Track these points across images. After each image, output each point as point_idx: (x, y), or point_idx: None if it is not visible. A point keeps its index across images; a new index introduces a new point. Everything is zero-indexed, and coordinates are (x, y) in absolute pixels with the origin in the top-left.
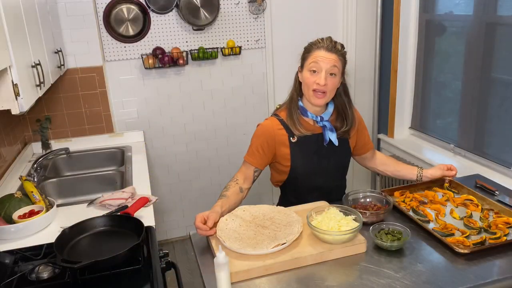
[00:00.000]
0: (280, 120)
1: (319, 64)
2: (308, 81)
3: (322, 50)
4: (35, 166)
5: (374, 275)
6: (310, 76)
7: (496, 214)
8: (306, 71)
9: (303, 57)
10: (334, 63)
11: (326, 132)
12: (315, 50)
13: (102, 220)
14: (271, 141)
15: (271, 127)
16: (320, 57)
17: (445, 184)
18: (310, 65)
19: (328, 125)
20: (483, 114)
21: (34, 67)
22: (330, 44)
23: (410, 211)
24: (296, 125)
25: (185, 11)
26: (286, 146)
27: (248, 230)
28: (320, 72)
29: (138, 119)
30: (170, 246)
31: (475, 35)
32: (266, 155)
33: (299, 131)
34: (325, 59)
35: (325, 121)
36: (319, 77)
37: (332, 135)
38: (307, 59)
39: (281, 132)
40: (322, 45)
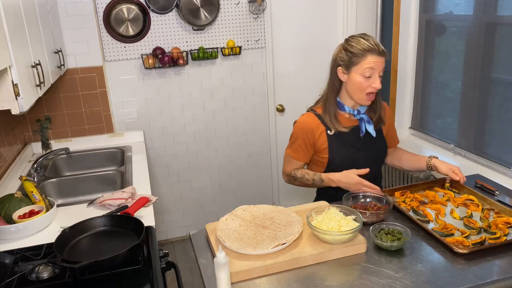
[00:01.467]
0: (317, 114)
1: (374, 69)
2: (362, 85)
3: (375, 55)
4: (35, 166)
5: (374, 275)
6: (363, 81)
7: (497, 214)
8: (358, 75)
9: (351, 60)
10: (384, 65)
11: (363, 124)
12: (368, 55)
13: (102, 220)
14: (310, 135)
15: (308, 122)
16: (374, 62)
17: (446, 184)
18: (364, 70)
19: (365, 117)
20: (483, 114)
21: (34, 67)
22: (379, 46)
23: (410, 211)
24: (332, 120)
25: (185, 11)
26: (324, 139)
27: (248, 230)
28: (375, 76)
29: (138, 119)
30: (170, 246)
31: (475, 35)
32: (309, 150)
33: (335, 127)
34: (379, 63)
35: (362, 113)
36: (375, 81)
37: (369, 127)
38: (359, 63)
39: (318, 126)
40: (374, 48)
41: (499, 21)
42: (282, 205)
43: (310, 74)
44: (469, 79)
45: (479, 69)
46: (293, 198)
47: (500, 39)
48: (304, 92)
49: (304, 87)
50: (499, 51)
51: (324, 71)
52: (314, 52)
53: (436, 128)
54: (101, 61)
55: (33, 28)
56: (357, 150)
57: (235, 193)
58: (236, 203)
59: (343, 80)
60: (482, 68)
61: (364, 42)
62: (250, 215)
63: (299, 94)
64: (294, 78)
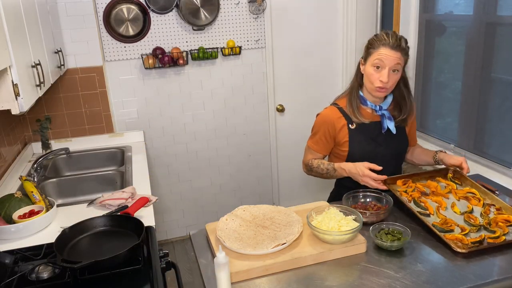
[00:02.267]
0: (339, 108)
1: (383, 62)
2: (371, 77)
3: (388, 48)
4: (35, 166)
5: (374, 275)
6: (373, 72)
7: (497, 211)
8: (370, 66)
9: (367, 51)
10: (398, 61)
11: (385, 120)
12: (380, 47)
13: (102, 220)
14: (331, 128)
15: (330, 115)
16: (384, 54)
17: (449, 175)
18: (374, 61)
19: (386, 113)
20: (483, 114)
21: (34, 67)
22: (395, 41)
23: (411, 202)
24: (355, 113)
25: (185, 11)
26: (345, 133)
27: (248, 230)
28: (383, 69)
29: (138, 119)
30: (170, 246)
31: (475, 35)
32: (329, 142)
33: (357, 118)
34: (390, 57)
35: (384, 110)
36: (383, 74)
37: (390, 124)
38: (372, 54)
39: (340, 119)
40: (388, 42)
41: (499, 21)
42: (282, 205)
43: (310, 74)
44: (469, 79)
45: (479, 69)
46: (293, 198)
47: (500, 39)
48: (304, 92)
49: (304, 87)
50: (499, 51)
51: (324, 71)
52: (314, 52)
53: (436, 128)
54: (101, 61)
55: (33, 28)
56: (377, 145)
57: (235, 193)
58: (236, 203)
59: (362, 72)
60: (482, 68)
61: (383, 35)
62: (250, 215)
63: (299, 94)
64: (294, 78)
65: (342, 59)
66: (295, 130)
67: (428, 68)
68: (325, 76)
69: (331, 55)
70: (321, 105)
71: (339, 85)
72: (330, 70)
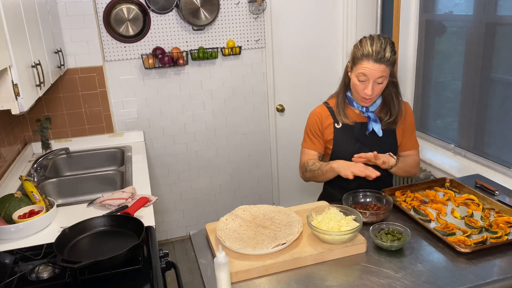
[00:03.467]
0: (328, 107)
1: (367, 76)
2: (357, 87)
3: (370, 62)
4: (35, 166)
5: (374, 275)
6: (358, 83)
7: (497, 214)
8: (355, 76)
9: (353, 60)
10: (381, 74)
11: (370, 122)
12: (363, 60)
13: (102, 220)
14: (320, 125)
15: (318, 113)
16: (368, 69)
17: (446, 184)
18: (358, 74)
19: (372, 115)
20: (483, 114)
21: (34, 67)
22: (379, 53)
23: (411, 211)
24: (341, 113)
25: (185, 11)
26: (330, 130)
27: (248, 230)
28: (368, 82)
29: (138, 119)
30: (170, 246)
31: (475, 35)
32: (318, 139)
33: (342, 120)
34: (373, 71)
35: (370, 112)
36: (367, 87)
37: (375, 126)
38: (356, 65)
39: (327, 117)
40: (371, 54)
41: (499, 21)
42: (282, 205)
43: (310, 74)
44: (469, 79)
45: (479, 69)
46: (293, 198)
47: (500, 39)
48: (304, 92)
49: (304, 87)
50: (499, 51)
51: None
52: (314, 52)
53: (436, 128)
54: (101, 61)
55: (33, 28)
56: (362, 146)
57: (235, 193)
58: (236, 203)
59: (349, 76)
60: (482, 68)
61: (367, 46)
62: (250, 215)
63: (299, 94)
64: (294, 78)
65: (342, 59)
66: (295, 130)
67: (428, 68)
68: (325, 76)
69: (331, 55)
70: None
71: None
72: (330, 70)
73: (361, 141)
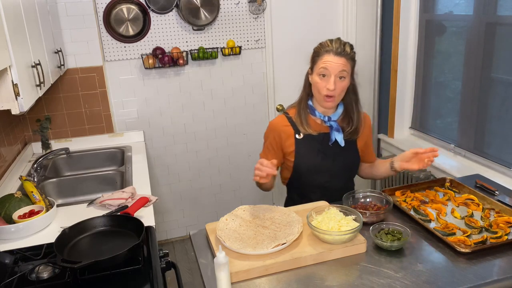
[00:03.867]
0: (288, 117)
1: (328, 70)
2: (318, 85)
3: (331, 55)
4: (35, 166)
5: (374, 275)
6: (320, 80)
7: (497, 214)
8: (316, 75)
9: (312, 60)
10: (343, 67)
11: (332, 132)
12: (324, 54)
13: (102, 220)
14: (278, 138)
15: (277, 124)
16: (329, 62)
17: (446, 184)
18: (319, 70)
19: (334, 125)
20: (483, 114)
21: (34, 67)
22: (339, 47)
23: (411, 211)
24: (303, 123)
25: (185, 11)
26: (291, 142)
27: (248, 230)
28: (329, 77)
29: (138, 119)
30: (170, 246)
31: (475, 35)
32: (276, 152)
33: (305, 129)
34: (334, 64)
35: (332, 121)
36: (329, 81)
37: (338, 136)
38: (317, 62)
39: (287, 128)
40: (331, 48)
41: (499, 21)
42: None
43: None
44: (469, 79)
45: (479, 69)
46: None
47: (500, 39)
48: None
49: None
50: (499, 51)
51: None
52: None
53: (436, 128)
54: (101, 61)
55: (33, 28)
56: (324, 158)
57: (235, 193)
58: (236, 203)
59: (311, 82)
60: (482, 68)
61: (327, 43)
62: (250, 215)
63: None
64: (294, 78)
65: None
66: None
67: (428, 68)
68: None
69: None
70: None
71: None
72: None
73: (324, 152)
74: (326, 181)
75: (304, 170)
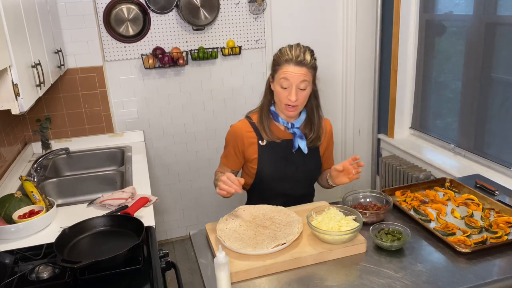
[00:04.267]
0: (251, 122)
1: (289, 81)
2: (280, 96)
3: (291, 65)
4: (35, 166)
5: (374, 275)
6: (281, 91)
7: (497, 214)
8: (277, 85)
9: (273, 68)
10: (303, 78)
11: (296, 139)
12: (283, 64)
13: (102, 220)
14: (240, 143)
15: (240, 129)
16: (289, 73)
17: (446, 184)
18: (280, 81)
19: (298, 132)
20: (483, 114)
21: (34, 67)
22: (299, 56)
23: (411, 211)
24: (266, 130)
25: (185, 11)
26: (254, 149)
27: (248, 230)
28: (290, 88)
29: (138, 119)
30: (170, 246)
31: (475, 35)
32: (238, 157)
33: (268, 136)
34: (295, 75)
35: (296, 128)
36: (290, 92)
37: (301, 143)
38: (277, 72)
39: (250, 134)
40: (291, 58)
41: (499, 21)
42: None
43: None
44: (469, 79)
45: (479, 69)
46: None
47: (500, 39)
48: None
49: None
50: (499, 51)
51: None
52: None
53: (436, 128)
54: (101, 61)
55: (33, 28)
56: (288, 165)
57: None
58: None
59: (272, 89)
60: (482, 68)
61: (286, 51)
62: (250, 215)
63: None
64: None
65: (342, 59)
66: None
67: (428, 68)
68: (325, 76)
69: (331, 55)
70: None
71: (339, 85)
72: (330, 70)
73: (287, 159)
74: (288, 188)
75: (267, 177)
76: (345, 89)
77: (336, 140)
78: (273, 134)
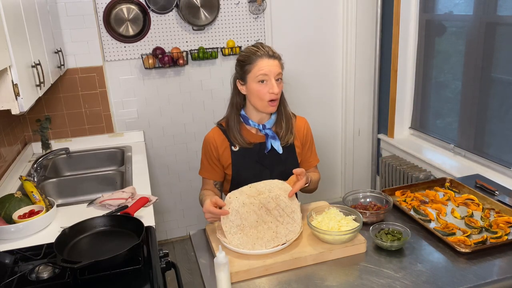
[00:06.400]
0: (222, 129)
1: (267, 74)
2: (259, 93)
3: (265, 58)
4: (35, 166)
5: (374, 275)
6: (260, 87)
7: (497, 214)
8: (253, 83)
9: (242, 69)
10: (279, 69)
11: (269, 140)
12: (258, 61)
13: (102, 220)
14: (214, 151)
15: (212, 138)
16: (266, 66)
17: (446, 184)
18: (258, 77)
19: (270, 133)
20: (483, 114)
21: (34, 67)
22: (269, 50)
23: (411, 211)
24: (236, 137)
25: (185, 11)
26: (228, 155)
27: (250, 212)
28: (270, 81)
29: (138, 119)
30: (170, 246)
31: (475, 35)
32: (213, 167)
33: (239, 142)
34: (272, 67)
35: (267, 129)
36: (271, 85)
37: (275, 143)
38: (251, 70)
39: (223, 141)
40: (264, 52)
41: (499, 21)
42: None
43: (310, 74)
44: (469, 79)
45: (479, 69)
46: None
47: (500, 39)
48: (303, 92)
49: (304, 87)
50: (499, 51)
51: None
52: (314, 52)
53: (436, 128)
54: (101, 61)
55: (33, 28)
56: (262, 168)
57: None
58: None
59: (244, 93)
60: (482, 68)
61: (253, 48)
62: (255, 191)
63: (298, 94)
64: (293, 78)
65: (342, 59)
66: None
67: (428, 68)
68: (325, 76)
69: (331, 55)
70: (321, 105)
71: (339, 85)
72: (330, 70)
73: (261, 162)
74: None
75: (243, 181)
76: (345, 89)
77: (336, 140)
78: (244, 139)
